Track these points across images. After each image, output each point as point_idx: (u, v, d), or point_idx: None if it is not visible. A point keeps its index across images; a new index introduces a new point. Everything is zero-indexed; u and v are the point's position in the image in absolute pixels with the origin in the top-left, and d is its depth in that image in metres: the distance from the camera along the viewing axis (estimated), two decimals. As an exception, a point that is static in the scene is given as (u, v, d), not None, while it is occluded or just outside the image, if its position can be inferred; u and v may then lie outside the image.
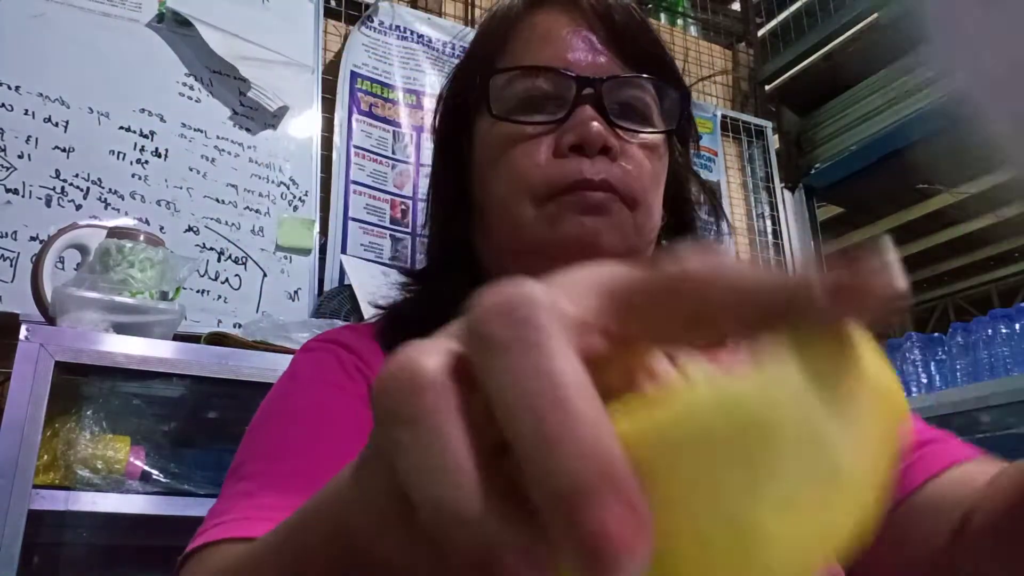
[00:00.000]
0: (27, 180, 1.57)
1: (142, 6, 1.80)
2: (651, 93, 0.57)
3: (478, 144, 0.59)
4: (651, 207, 0.56)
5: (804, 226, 2.72)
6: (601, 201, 0.53)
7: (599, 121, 0.53)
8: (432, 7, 2.27)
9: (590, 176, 0.52)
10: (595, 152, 0.53)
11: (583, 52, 0.56)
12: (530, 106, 0.55)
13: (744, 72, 2.92)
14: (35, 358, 1.09)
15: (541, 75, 0.55)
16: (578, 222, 0.52)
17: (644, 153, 0.56)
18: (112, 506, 1.14)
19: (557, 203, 0.53)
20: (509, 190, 0.55)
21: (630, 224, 0.54)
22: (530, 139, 0.54)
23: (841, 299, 0.17)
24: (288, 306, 1.76)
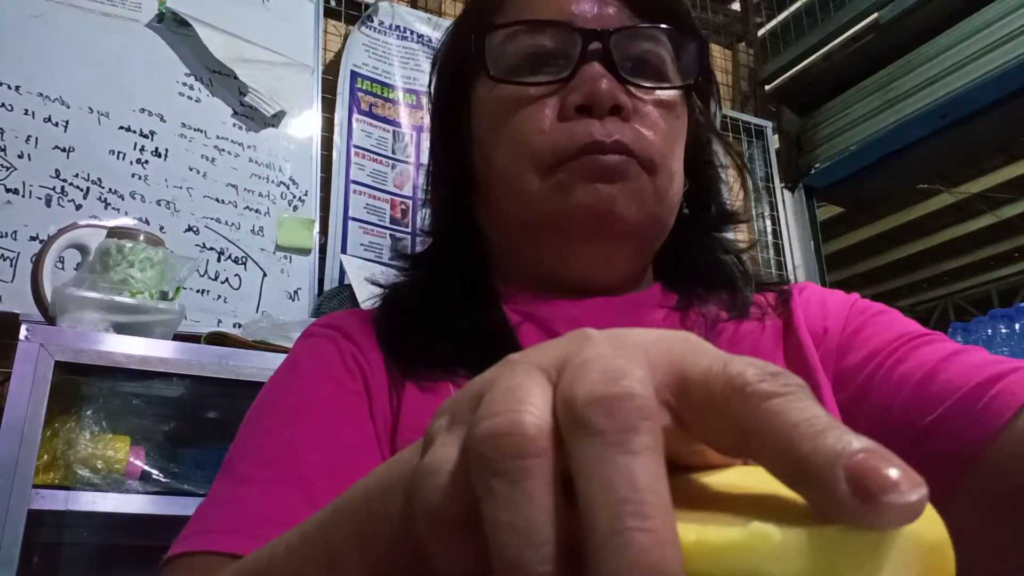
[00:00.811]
0: (27, 180, 1.57)
1: (142, 6, 1.80)
2: (665, 45, 0.52)
3: (477, 111, 0.54)
4: (672, 171, 0.51)
5: (804, 226, 2.72)
6: (616, 165, 0.48)
7: (608, 78, 0.48)
8: (432, 7, 2.27)
9: (600, 138, 0.47)
10: (604, 112, 0.48)
11: (588, 2, 0.51)
12: (532, 65, 0.50)
13: (744, 72, 2.92)
14: (35, 358, 1.09)
15: (542, 30, 0.50)
16: (591, 190, 0.48)
17: (660, 112, 0.50)
18: (112, 506, 1.14)
19: (566, 170, 0.48)
20: (512, 160, 0.50)
21: (649, 190, 0.49)
22: (533, 102, 0.50)
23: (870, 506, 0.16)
24: (288, 306, 1.76)
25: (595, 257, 0.51)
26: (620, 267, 0.52)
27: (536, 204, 0.49)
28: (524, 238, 0.53)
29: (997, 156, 4.15)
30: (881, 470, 0.15)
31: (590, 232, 0.49)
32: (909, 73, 2.44)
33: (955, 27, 2.29)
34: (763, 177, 2.74)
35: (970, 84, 2.23)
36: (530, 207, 0.50)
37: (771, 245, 2.67)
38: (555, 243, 0.51)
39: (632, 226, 0.50)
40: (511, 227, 0.53)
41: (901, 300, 6.54)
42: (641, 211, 0.49)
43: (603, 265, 0.52)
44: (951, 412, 0.42)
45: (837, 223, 4.79)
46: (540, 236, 0.51)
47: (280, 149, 1.88)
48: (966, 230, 5.12)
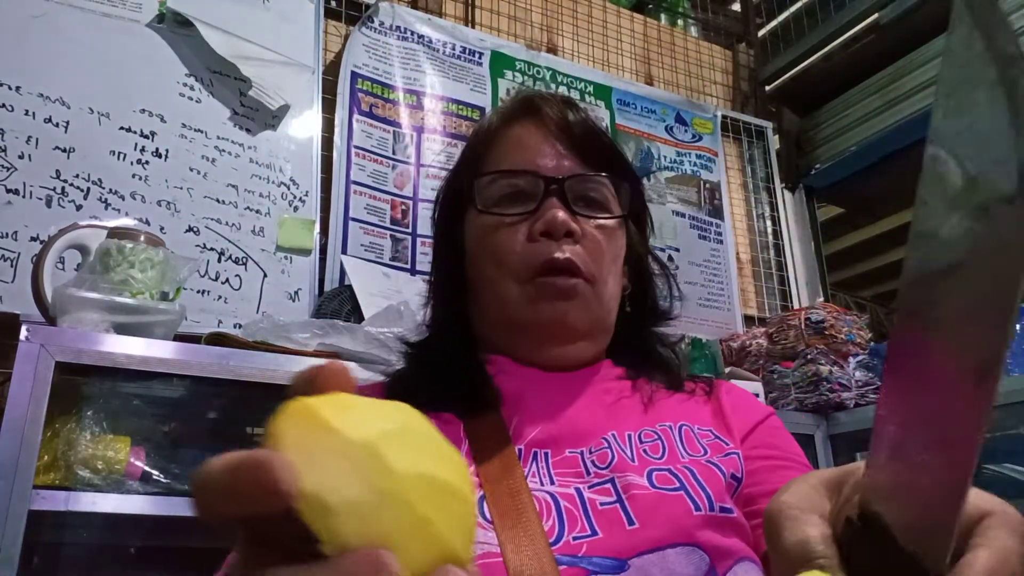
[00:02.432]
0: (27, 180, 1.57)
1: (142, 6, 1.80)
2: (607, 186, 0.70)
3: (468, 234, 0.71)
4: (608, 281, 0.68)
5: (804, 226, 2.72)
6: (569, 287, 0.65)
7: (563, 211, 0.66)
8: (432, 7, 2.27)
9: (556, 255, 0.65)
10: (560, 236, 0.65)
11: (549, 157, 0.69)
12: (508, 201, 0.68)
13: (744, 72, 2.92)
14: (35, 358, 1.09)
15: (516, 176, 0.69)
16: (551, 307, 0.65)
17: (602, 235, 0.68)
18: (112, 506, 1.14)
19: (535, 285, 0.65)
20: (495, 272, 0.67)
21: (593, 299, 0.67)
22: (509, 227, 0.67)
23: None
24: (288, 306, 1.76)
25: (557, 351, 0.68)
26: (576, 356, 0.69)
27: (513, 310, 0.66)
28: (504, 331, 0.69)
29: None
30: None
31: (552, 337, 0.68)
32: (909, 74, 2.44)
33: (955, 28, 2.29)
34: (763, 177, 2.74)
35: (970, 85, 2.23)
36: (508, 309, 0.67)
37: (771, 246, 2.67)
38: (527, 341, 0.68)
39: (582, 329, 0.68)
40: (493, 324, 0.70)
41: (901, 300, 6.52)
42: (588, 317, 0.67)
43: (563, 356, 0.69)
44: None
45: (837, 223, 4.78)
46: (516, 333, 0.68)
47: (280, 149, 1.88)
48: (966, 230, 5.12)
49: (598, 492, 0.57)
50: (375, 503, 0.25)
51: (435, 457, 0.28)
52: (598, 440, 0.62)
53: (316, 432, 0.26)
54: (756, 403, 0.72)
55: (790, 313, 2.10)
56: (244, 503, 0.24)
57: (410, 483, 0.26)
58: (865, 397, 1.86)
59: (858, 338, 1.96)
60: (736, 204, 2.67)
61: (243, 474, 0.24)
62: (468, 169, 0.73)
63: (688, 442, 0.63)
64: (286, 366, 1.27)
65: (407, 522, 0.26)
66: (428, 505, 0.26)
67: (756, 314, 2.52)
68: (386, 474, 0.26)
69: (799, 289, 2.62)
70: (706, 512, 0.56)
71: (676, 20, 2.90)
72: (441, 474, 0.28)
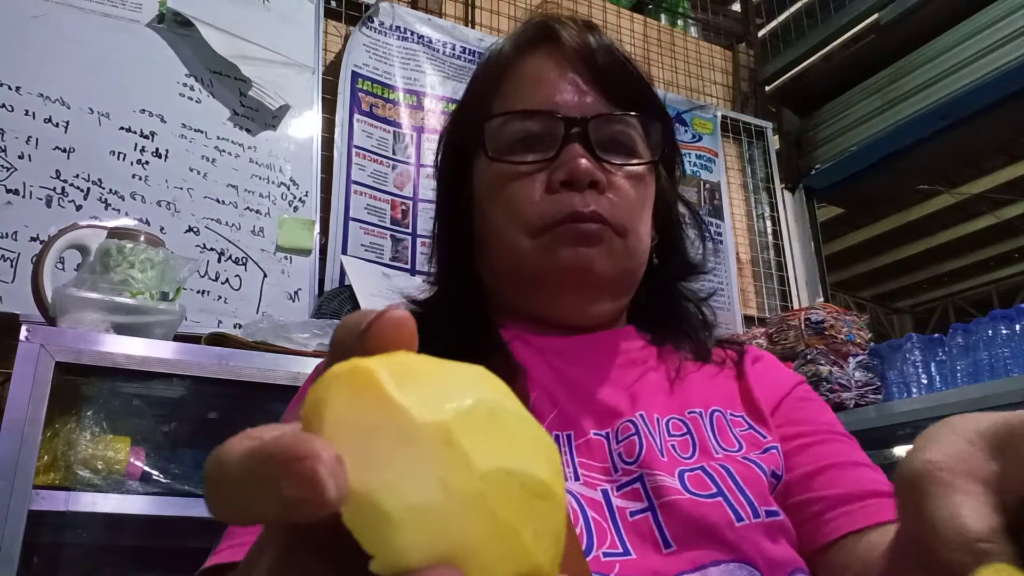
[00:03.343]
0: (27, 180, 1.57)
1: (142, 6, 1.80)
2: (635, 127, 0.61)
3: (477, 182, 0.64)
4: (639, 232, 0.61)
5: (804, 226, 2.72)
6: (593, 231, 0.57)
7: (587, 157, 0.57)
8: (432, 7, 2.27)
9: (580, 209, 0.57)
10: (584, 186, 0.57)
11: (569, 93, 0.60)
12: (523, 146, 0.60)
13: (744, 73, 2.92)
14: (35, 359, 1.09)
15: (531, 118, 0.60)
16: (572, 252, 0.57)
17: (630, 183, 0.60)
18: (112, 507, 1.14)
19: (552, 234, 0.58)
20: (507, 224, 0.60)
21: (622, 249, 0.59)
22: (524, 177, 0.59)
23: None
24: (288, 307, 1.76)
25: (576, 304, 0.61)
26: (597, 312, 0.62)
27: (527, 260, 0.59)
28: (516, 287, 0.62)
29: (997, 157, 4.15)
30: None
31: (572, 285, 0.60)
32: (909, 74, 2.44)
33: (955, 28, 2.29)
34: (763, 178, 2.74)
35: (971, 85, 2.23)
36: (522, 263, 0.59)
37: (771, 246, 2.67)
38: (542, 292, 0.61)
39: (607, 280, 0.60)
40: (505, 277, 0.63)
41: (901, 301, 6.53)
42: (615, 267, 0.59)
43: (583, 311, 0.61)
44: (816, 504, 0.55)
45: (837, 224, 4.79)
46: (530, 287, 0.61)
47: (280, 150, 1.88)
48: (966, 231, 5.13)
49: (627, 497, 0.52)
50: (448, 510, 0.19)
51: (524, 445, 0.22)
52: (624, 422, 0.56)
53: (373, 408, 0.20)
54: (782, 375, 0.65)
55: (790, 313, 2.10)
56: (271, 506, 0.18)
57: (496, 484, 0.20)
58: (865, 397, 1.86)
59: (858, 338, 1.96)
60: (736, 204, 2.67)
61: (270, 467, 0.18)
62: (476, 108, 0.64)
63: (721, 432, 0.57)
64: (286, 366, 1.27)
65: (486, 533, 0.20)
66: (514, 511, 0.20)
67: (756, 314, 2.52)
68: (465, 471, 0.20)
69: (799, 289, 2.63)
70: (750, 520, 0.50)
71: (676, 20, 2.90)
72: (531, 469, 0.21)
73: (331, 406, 0.20)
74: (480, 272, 0.65)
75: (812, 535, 0.53)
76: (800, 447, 0.58)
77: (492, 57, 0.66)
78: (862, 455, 0.58)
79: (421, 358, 0.22)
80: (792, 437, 0.58)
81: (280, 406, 1.43)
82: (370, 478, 0.19)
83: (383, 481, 0.19)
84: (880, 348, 1.92)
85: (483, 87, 0.65)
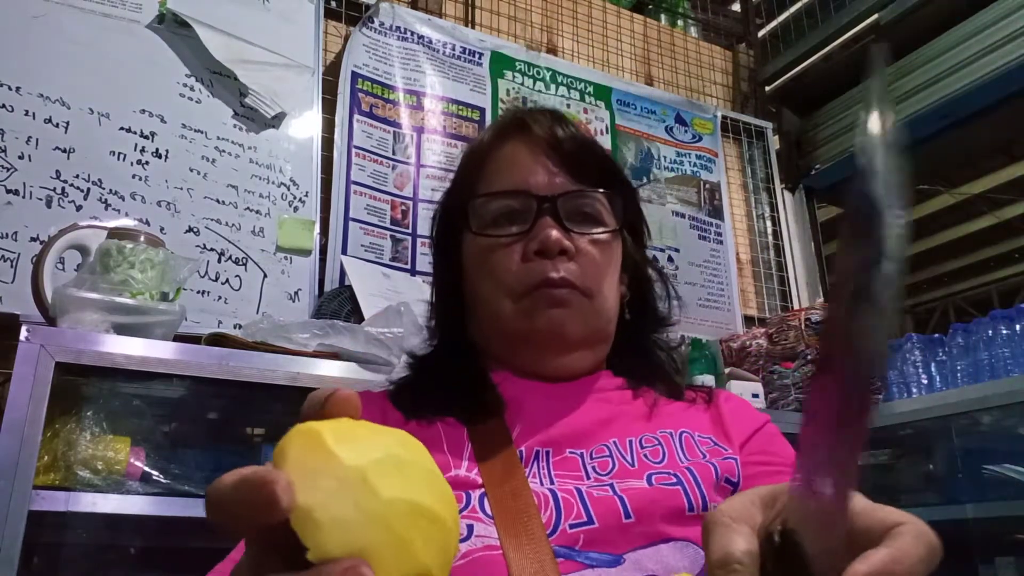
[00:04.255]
0: (27, 181, 1.57)
1: (142, 7, 1.80)
2: (600, 200, 0.70)
3: (465, 254, 0.72)
4: (605, 293, 0.69)
5: (804, 227, 2.72)
6: (564, 296, 0.66)
7: (557, 229, 0.66)
8: (432, 8, 2.27)
9: (551, 275, 0.65)
10: (554, 255, 0.66)
11: (541, 175, 0.69)
12: (503, 221, 0.69)
13: (744, 73, 2.92)
14: (35, 359, 1.09)
15: (509, 196, 0.69)
16: (547, 316, 0.66)
17: (597, 249, 0.69)
18: (112, 507, 1.14)
19: (530, 298, 0.66)
20: (491, 290, 0.68)
21: (590, 310, 0.67)
22: (504, 247, 0.68)
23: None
24: (288, 307, 1.76)
25: (554, 359, 0.69)
26: (575, 365, 0.70)
27: (509, 323, 0.67)
28: (503, 345, 0.70)
29: (997, 157, 4.15)
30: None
31: (549, 343, 0.68)
32: (909, 74, 2.44)
33: (955, 28, 2.29)
34: (763, 178, 2.74)
35: (970, 85, 2.23)
36: (505, 325, 0.68)
37: (771, 246, 2.67)
38: (525, 350, 0.69)
39: (579, 337, 0.68)
40: (493, 337, 0.71)
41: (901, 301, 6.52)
42: (585, 326, 0.68)
43: (562, 365, 0.69)
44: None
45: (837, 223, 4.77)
46: (514, 345, 0.69)
47: (280, 150, 1.88)
48: (966, 231, 5.12)
49: (597, 491, 0.59)
50: (359, 521, 0.29)
51: (422, 486, 0.32)
52: (599, 446, 0.63)
53: (317, 455, 0.30)
54: (753, 411, 0.74)
55: (790, 313, 2.10)
56: (247, 513, 0.28)
57: (394, 507, 0.30)
58: (865, 397, 1.86)
59: (858, 338, 1.96)
60: (736, 204, 2.67)
61: (248, 488, 0.28)
62: (462, 190, 0.74)
63: (688, 448, 0.64)
64: (286, 367, 1.27)
65: (386, 540, 0.29)
66: (408, 527, 0.30)
67: (756, 314, 2.52)
68: (372, 497, 0.29)
69: (799, 289, 2.63)
70: (699, 512, 0.57)
71: (676, 20, 2.90)
72: (425, 501, 0.31)
73: (290, 453, 0.30)
74: (471, 331, 0.74)
75: None
76: (768, 472, 0.65)
77: (474, 147, 0.76)
78: None
79: (359, 424, 0.32)
80: (761, 463, 0.66)
81: (280, 406, 1.43)
82: (311, 498, 0.28)
83: (318, 501, 0.29)
84: (880, 348, 1.91)
85: (467, 172, 0.75)
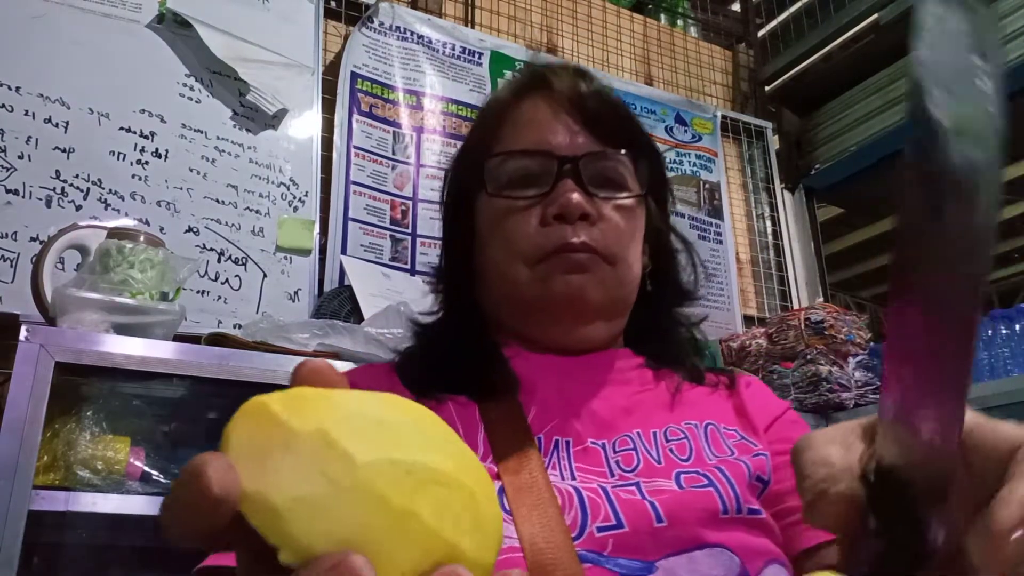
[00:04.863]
0: (27, 181, 1.57)
1: (142, 7, 1.80)
2: (624, 163, 0.66)
3: (479, 216, 0.68)
4: (629, 261, 0.65)
5: (804, 227, 2.72)
6: (583, 260, 0.61)
7: (578, 192, 0.62)
8: (432, 8, 2.27)
9: (571, 240, 0.61)
10: (575, 219, 0.62)
11: (562, 135, 0.65)
12: (520, 183, 0.64)
13: (744, 73, 2.92)
14: (35, 359, 1.09)
15: (528, 156, 0.64)
16: (564, 281, 0.61)
17: (620, 215, 0.64)
18: (112, 507, 1.14)
19: (547, 263, 0.62)
20: (505, 255, 0.64)
21: (612, 278, 0.63)
22: (521, 211, 0.64)
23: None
24: (288, 307, 1.76)
25: (570, 329, 0.65)
26: (591, 336, 0.65)
27: (524, 289, 0.63)
28: (515, 314, 0.66)
29: (997, 157, 4.15)
30: None
31: (565, 311, 0.64)
32: (909, 74, 2.44)
33: (955, 28, 2.29)
34: (763, 178, 2.74)
35: (970, 85, 2.23)
36: (519, 291, 0.63)
37: (771, 246, 2.67)
38: (539, 319, 0.65)
39: (598, 305, 0.63)
40: (504, 305, 0.67)
41: (901, 301, 6.52)
42: (605, 294, 0.63)
43: (577, 334, 0.65)
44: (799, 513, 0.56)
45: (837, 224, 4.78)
46: (527, 313, 0.65)
47: (280, 150, 1.88)
48: (966, 231, 5.12)
49: (623, 492, 0.54)
50: (333, 497, 0.22)
51: (418, 442, 0.24)
52: (622, 436, 0.59)
53: (263, 428, 0.23)
54: (774, 397, 0.71)
55: (790, 313, 2.10)
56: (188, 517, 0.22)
57: (379, 472, 0.22)
58: (865, 397, 1.86)
59: (858, 338, 1.96)
60: (736, 204, 2.67)
61: (183, 487, 0.22)
62: (477, 148, 0.69)
63: (715, 443, 0.60)
64: (286, 366, 1.27)
65: (381, 517, 0.22)
66: (408, 495, 0.22)
67: (756, 314, 2.52)
68: (345, 463, 0.22)
69: (799, 289, 2.63)
70: (733, 515, 0.54)
71: (676, 20, 2.90)
72: (420, 458, 0.23)
73: (233, 432, 0.23)
74: (481, 300, 0.69)
75: (798, 537, 0.58)
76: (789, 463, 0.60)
77: (491, 104, 0.71)
78: None
79: (320, 390, 0.25)
80: (785, 452, 0.61)
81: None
82: (262, 481, 0.22)
83: (271, 482, 0.22)
84: (880, 348, 1.92)
85: (482, 131, 0.70)
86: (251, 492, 0.21)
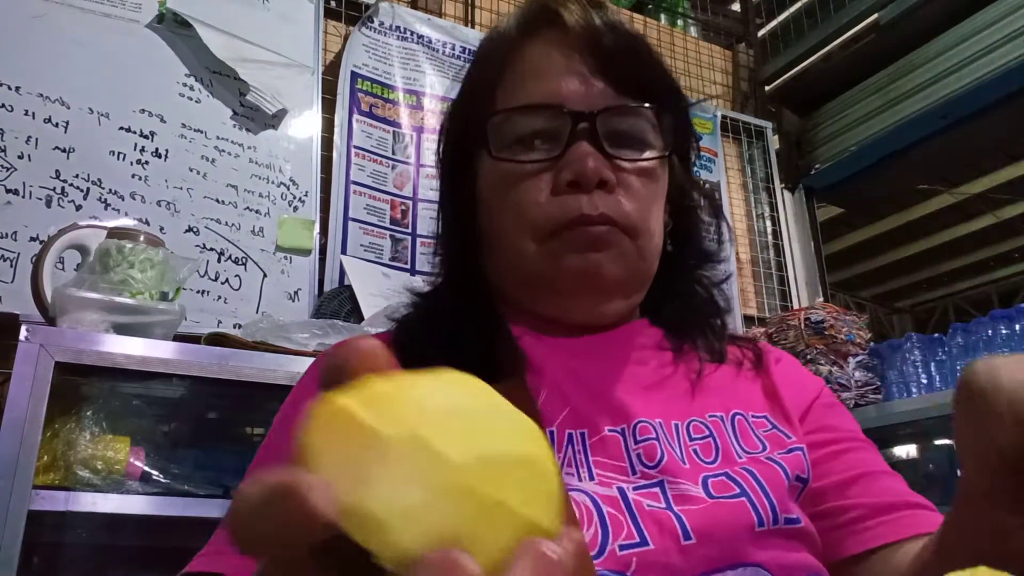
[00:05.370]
0: (27, 180, 1.57)
1: (142, 6, 1.80)
2: (647, 117, 0.57)
3: (481, 179, 0.60)
4: (651, 230, 0.57)
5: (804, 227, 2.72)
6: (602, 235, 0.54)
7: (594, 155, 0.54)
8: (432, 7, 2.27)
9: (588, 212, 0.53)
10: (591, 187, 0.54)
11: (575, 84, 0.56)
12: (528, 143, 0.56)
13: (744, 73, 2.92)
14: (35, 359, 1.09)
15: (536, 112, 0.56)
16: (580, 258, 0.54)
17: (642, 179, 0.56)
18: (112, 507, 1.14)
19: (560, 239, 0.54)
20: (512, 227, 0.56)
21: (632, 251, 0.56)
22: (530, 177, 0.55)
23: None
24: (288, 306, 1.76)
25: (585, 307, 0.58)
26: (608, 312, 0.59)
27: (532, 265, 0.56)
28: (523, 289, 0.59)
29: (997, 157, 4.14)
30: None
31: (581, 290, 0.57)
32: (909, 74, 2.44)
33: (955, 28, 2.29)
34: (763, 178, 2.74)
35: (970, 85, 2.23)
36: (527, 267, 0.56)
37: (771, 245, 2.67)
38: (550, 296, 0.58)
39: (617, 282, 0.57)
40: (511, 278, 0.60)
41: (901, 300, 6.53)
42: (626, 270, 0.56)
43: (593, 312, 0.58)
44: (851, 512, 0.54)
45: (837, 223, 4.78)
46: (536, 290, 0.58)
47: (280, 150, 1.88)
48: (966, 231, 5.12)
49: (645, 495, 0.49)
50: (432, 502, 0.22)
51: (495, 429, 0.25)
52: (642, 423, 0.53)
53: (351, 436, 0.23)
54: (806, 375, 0.63)
55: (790, 313, 2.10)
56: (285, 538, 0.21)
57: (470, 469, 0.23)
58: (865, 397, 1.86)
59: (857, 338, 1.96)
60: (736, 204, 2.67)
61: (275, 508, 0.21)
62: (478, 100, 0.60)
63: (743, 436, 0.54)
64: (286, 366, 1.27)
65: (474, 511, 0.23)
66: (499, 487, 0.23)
67: (756, 314, 2.52)
68: (440, 466, 0.22)
69: (799, 289, 2.63)
70: (769, 527, 0.48)
71: (676, 20, 2.90)
72: (505, 447, 0.24)
73: (318, 443, 0.23)
74: (485, 269, 0.62)
75: (843, 542, 0.53)
76: (833, 453, 0.56)
77: (494, 40, 0.62)
78: (885, 463, 0.59)
79: (388, 379, 0.25)
80: (823, 443, 0.57)
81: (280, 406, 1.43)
82: (360, 493, 0.22)
83: (370, 494, 0.22)
84: (880, 348, 1.92)
85: (483, 76, 0.61)
86: (350, 505, 0.22)
